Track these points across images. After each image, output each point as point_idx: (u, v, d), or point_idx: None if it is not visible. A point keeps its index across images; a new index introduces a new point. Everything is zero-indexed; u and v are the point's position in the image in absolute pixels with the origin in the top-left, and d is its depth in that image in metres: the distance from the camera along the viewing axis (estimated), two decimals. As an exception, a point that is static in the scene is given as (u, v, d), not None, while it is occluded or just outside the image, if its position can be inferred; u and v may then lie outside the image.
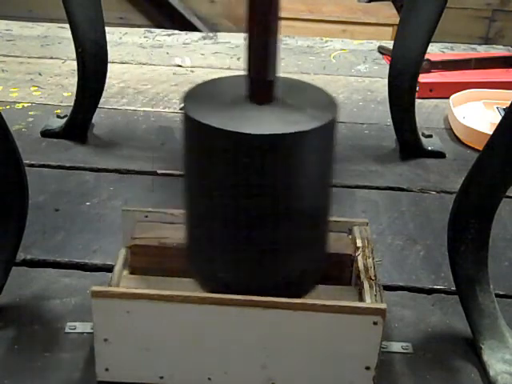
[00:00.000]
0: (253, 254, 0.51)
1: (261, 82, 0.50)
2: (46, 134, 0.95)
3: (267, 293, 0.51)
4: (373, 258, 0.58)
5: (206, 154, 0.49)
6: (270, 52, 0.49)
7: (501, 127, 0.52)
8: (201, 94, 0.53)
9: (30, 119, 1.01)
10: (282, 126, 0.48)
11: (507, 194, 0.55)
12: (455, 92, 1.07)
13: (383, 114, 1.00)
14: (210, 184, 0.50)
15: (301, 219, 0.51)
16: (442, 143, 0.97)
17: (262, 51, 0.49)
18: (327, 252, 0.56)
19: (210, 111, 0.49)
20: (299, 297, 0.52)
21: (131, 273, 0.59)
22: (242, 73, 0.52)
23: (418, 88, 1.00)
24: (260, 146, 0.47)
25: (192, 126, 0.49)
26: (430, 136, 0.98)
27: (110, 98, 1.07)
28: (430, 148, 0.95)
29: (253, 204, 0.49)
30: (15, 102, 1.06)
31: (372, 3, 2.47)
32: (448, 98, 1.05)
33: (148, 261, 0.59)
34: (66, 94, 1.09)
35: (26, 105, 1.06)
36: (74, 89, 0.93)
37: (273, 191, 0.49)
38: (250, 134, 0.47)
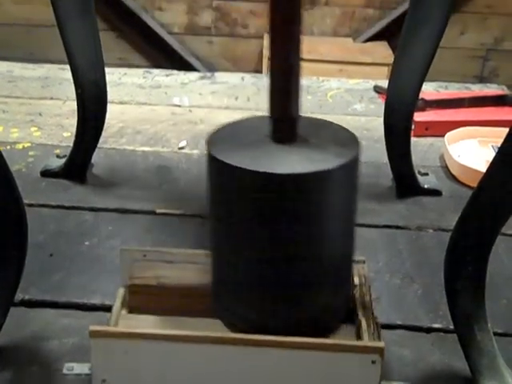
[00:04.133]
0: (278, 292, 0.51)
1: (284, 120, 0.51)
2: (46, 173, 0.96)
3: (292, 332, 0.51)
4: (370, 296, 0.58)
5: (232, 194, 0.50)
6: (293, 90, 0.50)
7: (493, 166, 0.53)
8: (224, 136, 0.53)
9: (30, 159, 1.02)
10: (308, 165, 0.48)
11: (504, 231, 0.56)
12: (450, 130, 1.08)
13: (380, 152, 1.01)
14: (236, 223, 0.50)
15: (327, 258, 0.51)
16: (438, 181, 0.98)
17: (285, 90, 0.50)
18: (351, 290, 0.56)
19: (235, 152, 0.50)
20: (324, 336, 0.52)
21: (130, 312, 0.59)
22: (245, 112, 0.53)
23: (413, 126, 1.01)
24: (286, 184, 0.48)
25: (217, 167, 0.50)
26: (426, 174, 0.99)
27: (109, 138, 1.08)
28: (426, 186, 0.95)
29: (280, 243, 0.50)
30: (15, 143, 1.07)
31: (368, 43, 2.50)
32: (443, 136, 1.06)
33: (147, 300, 0.59)
34: (65, 134, 1.10)
35: (25, 145, 1.07)
36: (74, 129, 0.94)
37: (299, 230, 0.49)
38: (275, 174, 0.47)
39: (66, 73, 1.25)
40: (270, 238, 0.50)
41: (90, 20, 0.90)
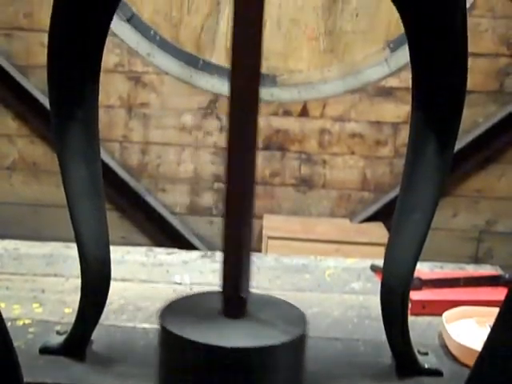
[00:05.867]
0: None
1: (234, 298, 0.54)
2: (45, 351, 0.96)
3: None
4: None
5: (180, 365, 0.52)
6: (243, 270, 0.54)
7: (485, 349, 0.54)
8: (178, 308, 0.56)
9: (30, 336, 1.02)
10: (253, 340, 0.51)
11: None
12: (447, 309, 1.09)
13: (378, 331, 1.02)
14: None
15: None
16: (437, 361, 0.97)
17: (235, 269, 0.54)
18: None
19: (185, 324, 0.52)
20: None
21: None
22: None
23: (410, 305, 1.03)
24: (229, 358, 0.50)
25: (167, 338, 0.52)
26: (426, 353, 0.99)
27: (110, 315, 1.09)
28: (426, 366, 0.95)
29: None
30: (16, 319, 1.08)
31: (364, 224, 2.58)
32: (440, 314, 1.07)
33: None
34: (67, 311, 1.11)
35: (26, 321, 1.07)
36: (76, 305, 0.96)
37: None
38: (221, 347, 0.49)
39: (70, 251, 1.29)
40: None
41: (99, 201, 0.95)
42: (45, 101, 2.51)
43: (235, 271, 0.54)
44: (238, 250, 0.53)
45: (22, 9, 2.56)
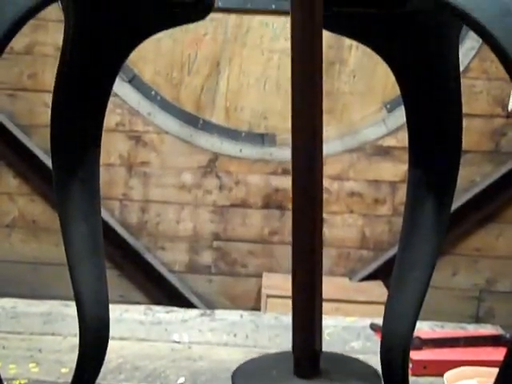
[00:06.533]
0: None
1: (307, 356, 0.53)
2: (41, 411, 0.95)
3: None
4: None
5: None
6: (315, 328, 0.53)
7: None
8: (249, 371, 0.55)
9: (26, 396, 1.01)
10: None
11: None
12: (449, 369, 1.08)
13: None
14: None
15: None
16: (439, 422, 0.96)
17: (308, 326, 0.53)
18: None
19: None
20: None
21: None
22: (243, 349, 0.55)
23: (411, 365, 1.02)
24: None
25: None
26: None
27: (108, 374, 1.08)
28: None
29: None
30: (12, 379, 1.07)
31: (363, 282, 2.57)
32: (441, 374, 1.06)
33: None
34: (63, 371, 1.10)
35: (22, 381, 1.06)
36: (73, 364, 0.95)
37: None
38: None
39: (68, 309, 1.29)
40: None
41: (99, 259, 0.96)
42: (46, 159, 2.53)
43: (307, 330, 0.52)
44: (309, 308, 0.52)
45: (26, 70, 2.61)
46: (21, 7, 0.61)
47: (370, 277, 2.55)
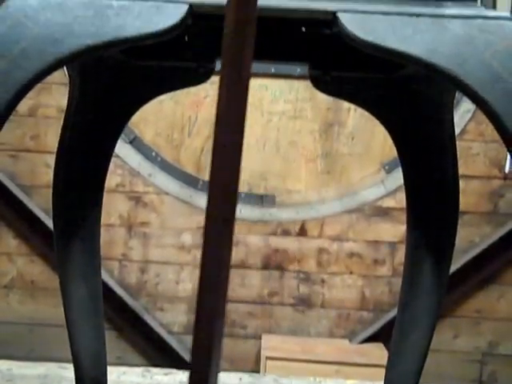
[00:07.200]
0: None
1: None
2: None
3: None
4: None
5: None
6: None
7: None
8: None
9: None
10: None
11: None
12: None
13: None
14: None
15: None
16: None
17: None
18: None
19: None
20: None
21: None
22: None
23: (412, 430, 1.00)
24: None
25: None
26: None
27: None
28: None
29: None
30: None
31: (364, 344, 2.54)
32: None
33: None
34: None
35: None
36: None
37: None
38: None
39: (65, 371, 1.27)
40: None
41: (98, 320, 0.96)
42: (46, 220, 2.54)
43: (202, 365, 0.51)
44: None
45: (29, 131, 2.65)
46: (28, 72, 0.63)
47: (371, 339, 2.52)
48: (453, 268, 0.88)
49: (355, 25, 0.66)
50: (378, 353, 2.34)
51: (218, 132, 0.55)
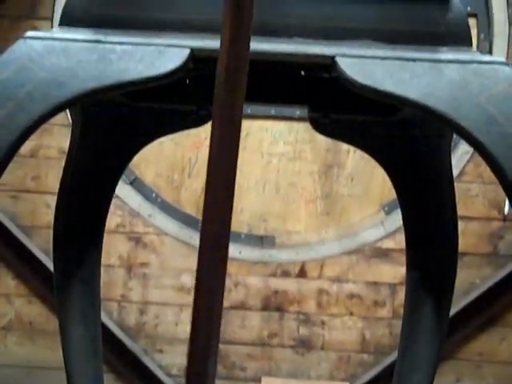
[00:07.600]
0: None
1: None
2: None
3: None
4: None
5: None
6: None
7: None
8: None
9: None
10: None
11: None
12: None
13: None
14: None
15: None
16: None
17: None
18: None
19: None
20: None
21: None
22: None
23: None
24: None
25: None
26: None
27: None
28: None
29: None
30: None
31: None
32: None
33: None
34: None
35: None
36: None
37: None
38: None
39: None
40: None
41: (96, 362, 0.95)
42: (46, 261, 2.53)
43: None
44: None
45: (30, 172, 2.66)
46: (33, 115, 0.64)
47: (372, 382, 2.50)
48: (454, 310, 0.88)
49: (354, 69, 0.67)
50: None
51: (210, 171, 0.56)
